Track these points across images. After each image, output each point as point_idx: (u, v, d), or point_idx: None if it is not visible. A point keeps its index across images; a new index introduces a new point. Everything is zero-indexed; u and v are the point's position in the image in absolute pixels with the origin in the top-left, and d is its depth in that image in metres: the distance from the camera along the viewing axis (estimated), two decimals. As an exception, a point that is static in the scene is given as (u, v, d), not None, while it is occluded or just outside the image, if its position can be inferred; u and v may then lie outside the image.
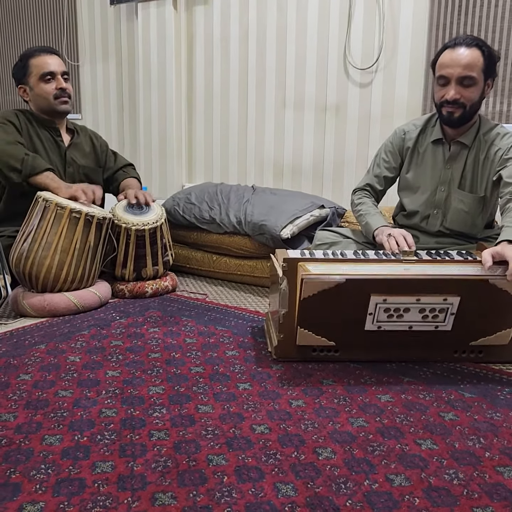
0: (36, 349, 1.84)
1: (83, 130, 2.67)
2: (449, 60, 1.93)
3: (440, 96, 1.98)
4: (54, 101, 2.44)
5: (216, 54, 3.60)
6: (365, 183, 2.26)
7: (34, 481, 1.15)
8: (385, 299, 1.65)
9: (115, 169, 2.73)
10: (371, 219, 2.10)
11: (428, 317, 1.68)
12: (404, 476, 1.18)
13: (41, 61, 2.42)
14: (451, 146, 2.08)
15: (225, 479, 1.17)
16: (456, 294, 1.65)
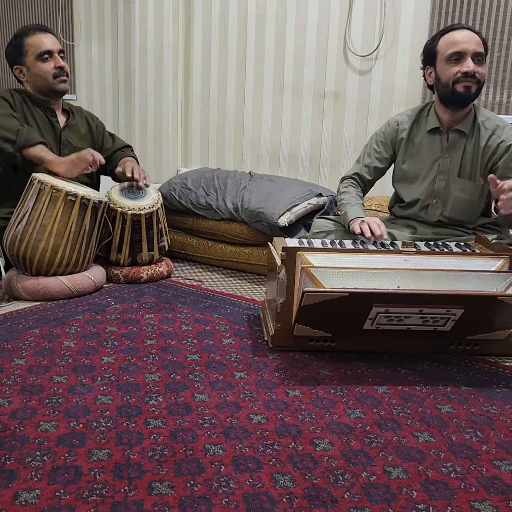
0: (30, 333, 1.82)
1: (79, 111, 2.62)
2: (462, 37, 1.97)
3: (454, 73, 1.97)
4: (53, 80, 2.39)
5: (214, 37, 3.55)
6: (354, 172, 2.24)
7: (30, 468, 1.14)
8: (387, 309, 1.61)
9: (113, 151, 2.68)
10: (349, 210, 2.09)
11: (428, 321, 1.66)
12: (401, 468, 1.18)
13: (37, 40, 2.37)
14: (449, 134, 2.08)
15: (223, 469, 1.16)
16: (461, 307, 1.60)
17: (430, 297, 1.59)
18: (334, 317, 1.67)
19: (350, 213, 2.07)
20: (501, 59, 2.77)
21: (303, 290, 1.57)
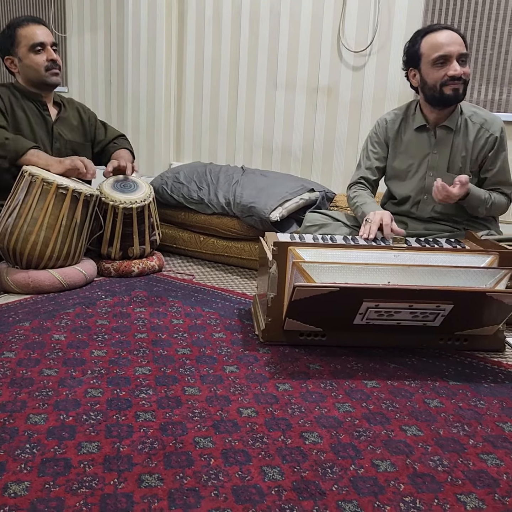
0: (20, 326, 1.82)
1: (70, 103, 2.60)
2: (445, 39, 1.97)
3: (441, 76, 1.99)
4: (45, 73, 2.37)
5: (208, 31, 3.53)
6: (358, 176, 2.25)
7: (19, 461, 1.14)
8: (378, 304, 1.62)
9: (107, 142, 2.66)
10: (365, 208, 2.10)
11: (418, 317, 1.67)
12: (389, 461, 1.20)
13: (30, 31, 2.34)
14: (437, 131, 2.10)
15: (212, 462, 1.17)
16: (450, 302, 1.61)
17: (420, 293, 1.60)
18: (324, 312, 1.68)
19: (366, 211, 2.07)
20: (493, 56, 2.78)
21: (294, 285, 1.57)
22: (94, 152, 2.66)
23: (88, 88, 4.18)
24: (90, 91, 4.17)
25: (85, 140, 2.61)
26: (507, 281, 1.70)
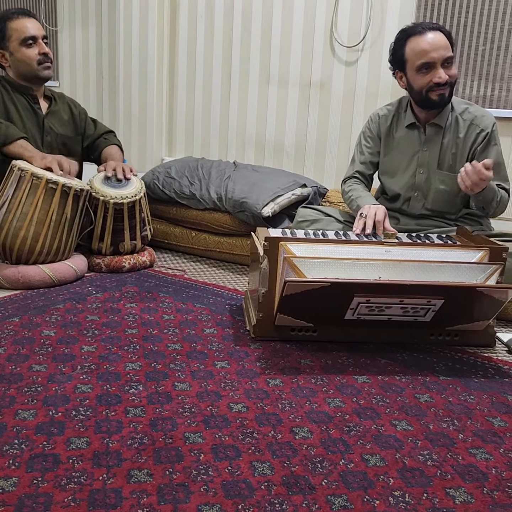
0: (9, 322, 1.80)
1: (61, 98, 2.59)
2: (428, 45, 1.94)
3: (426, 82, 1.97)
4: (37, 67, 2.35)
5: (200, 26, 3.51)
6: (353, 171, 2.25)
7: (7, 456, 1.13)
8: (369, 299, 1.63)
9: (95, 137, 2.64)
10: (360, 201, 2.10)
11: (409, 312, 1.67)
12: (379, 456, 1.20)
13: (21, 24, 2.32)
14: (427, 128, 2.10)
15: (202, 457, 1.16)
16: (441, 297, 1.62)
17: (410, 288, 1.60)
18: (316, 307, 1.68)
19: (361, 204, 2.07)
20: (485, 52, 2.78)
21: (285, 280, 1.57)
22: (84, 146, 2.64)
23: (80, 82, 4.15)
24: (81, 85, 4.14)
25: (76, 134, 2.59)
26: (497, 277, 1.71)
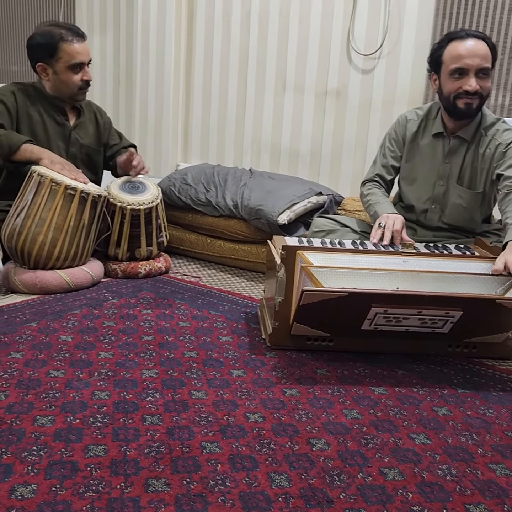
0: (27, 327, 1.82)
1: (88, 106, 2.59)
2: (465, 51, 1.90)
3: (455, 88, 1.94)
4: (77, 91, 2.39)
5: (217, 32, 3.53)
6: (373, 173, 2.22)
7: (26, 463, 1.14)
8: (386, 310, 1.61)
9: (119, 148, 2.66)
10: (379, 208, 2.07)
11: (426, 323, 1.66)
12: (397, 470, 1.19)
13: (74, 50, 2.31)
14: (451, 140, 2.06)
15: (219, 467, 1.16)
16: (460, 309, 1.60)
17: (429, 299, 1.59)
18: (332, 317, 1.67)
19: (379, 211, 2.04)
20: (504, 61, 2.77)
21: (302, 289, 1.56)
22: (106, 156, 2.66)
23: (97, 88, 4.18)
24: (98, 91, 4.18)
25: (99, 145, 2.61)
26: (516, 289, 1.69)
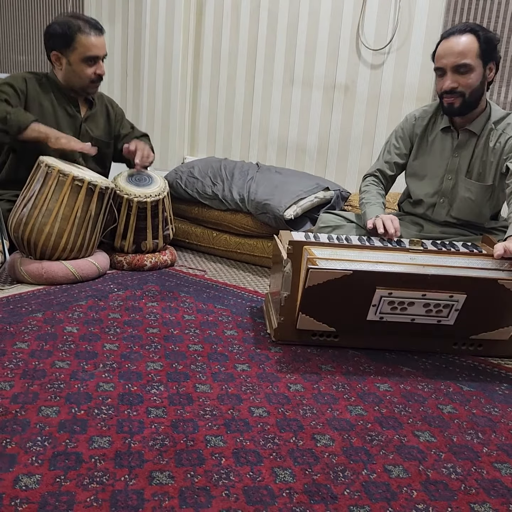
0: (33, 317, 1.82)
1: (100, 98, 2.58)
2: (442, 51, 1.94)
3: (439, 88, 1.98)
4: (89, 84, 2.38)
5: (226, 25, 3.51)
6: (375, 168, 2.23)
7: (30, 453, 1.14)
8: (391, 292, 1.63)
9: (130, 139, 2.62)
10: (369, 209, 2.09)
11: (432, 311, 1.67)
12: (402, 467, 1.18)
13: (90, 42, 2.29)
14: (460, 134, 2.06)
15: (223, 461, 1.16)
16: (463, 292, 1.62)
17: (432, 279, 1.61)
18: (337, 304, 1.67)
19: (368, 213, 2.07)
20: (514, 58, 2.74)
21: (308, 267, 1.57)
22: (118, 149, 2.63)
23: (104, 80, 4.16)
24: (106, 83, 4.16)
25: (109, 138, 2.60)
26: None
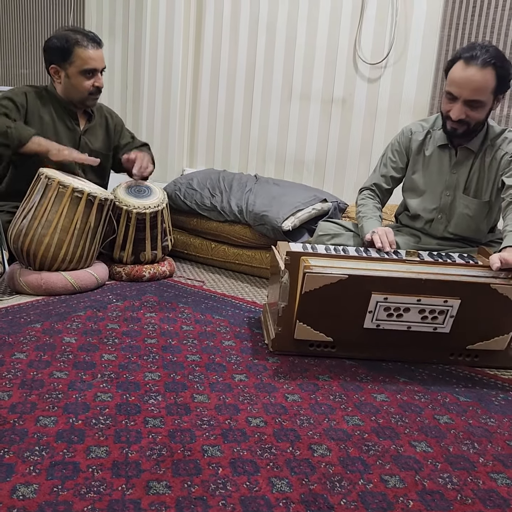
0: (31, 328, 1.83)
1: (99, 110, 2.60)
2: (459, 79, 1.89)
3: (446, 110, 1.96)
4: (87, 97, 2.40)
5: (225, 40, 3.55)
6: (371, 182, 2.24)
7: (28, 463, 1.15)
8: (386, 297, 1.65)
9: (130, 149, 2.66)
10: (366, 223, 2.09)
11: (427, 318, 1.69)
12: (398, 477, 1.19)
13: (87, 55, 2.32)
14: (458, 151, 2.07)
15: (220, 471, 1.17)
16: (457, 297, 1.65)
17: (426, 283, 1.64)
18: (334, 312, 1.69)
19: (366, 227, 2.07)
20: (510, 72, 2.77)
21: (304, 271, 1.59)
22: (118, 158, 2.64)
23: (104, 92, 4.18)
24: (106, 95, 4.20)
25: (108, 150, 2.62)
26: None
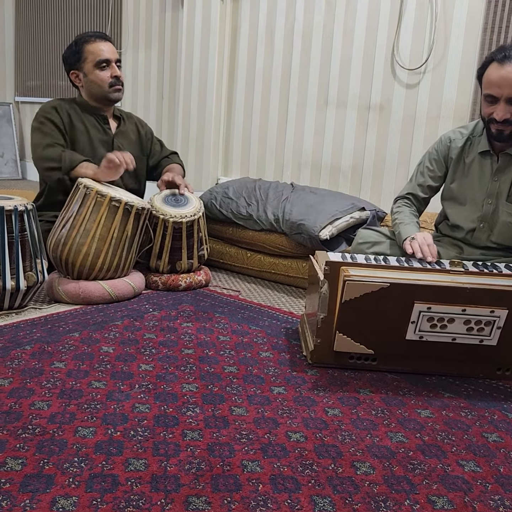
0: (70, 337, 1.84)
1: (129, 117, 2.67)
2: (497, 78, 1.84)
3: (488, 113, 1.90)
4: (109, 89, 2.44)
5: (260, 47, 3.56)
6: (407, 191, 2.18)
7: (67, 474, 1.14)
8: (429, 307, 1.60)
9: (161, 158, 2.73)
10: (403, 229, 2.04)
11: (473, 329, 1.62)
12: (446, 498, 1.14)
13: (97, 47, 2.41)
14: (499, 158, 2.00)
15: (260, 488, 1.14)
16: (505, 307, 1.59)
17: (472, 292, 1.58)
18: (375, 323, 1.64)
19: (403, 232, 2.02)
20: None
21: (345, 279, 1.55)
22: (149, 166, 2.71)
23: (141, 102, 4.27)
24: (142, 105, 4.26)
25: (142, 154, 2.67)
26: None
